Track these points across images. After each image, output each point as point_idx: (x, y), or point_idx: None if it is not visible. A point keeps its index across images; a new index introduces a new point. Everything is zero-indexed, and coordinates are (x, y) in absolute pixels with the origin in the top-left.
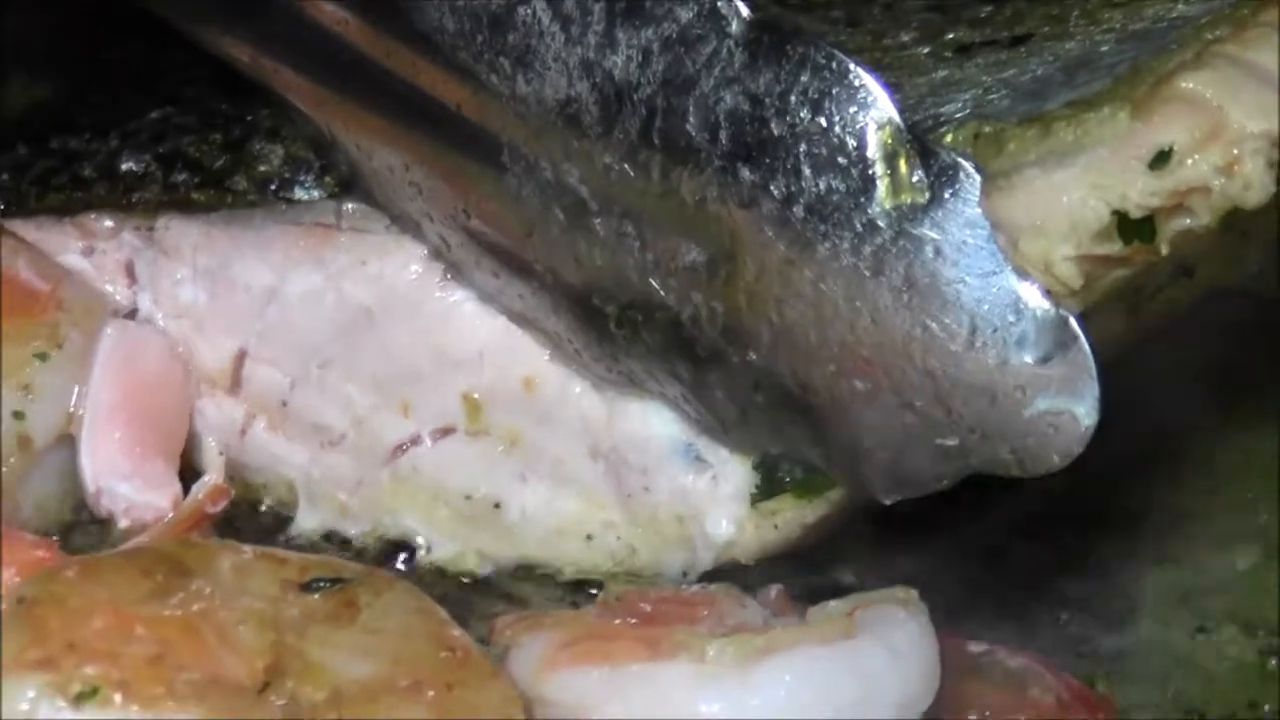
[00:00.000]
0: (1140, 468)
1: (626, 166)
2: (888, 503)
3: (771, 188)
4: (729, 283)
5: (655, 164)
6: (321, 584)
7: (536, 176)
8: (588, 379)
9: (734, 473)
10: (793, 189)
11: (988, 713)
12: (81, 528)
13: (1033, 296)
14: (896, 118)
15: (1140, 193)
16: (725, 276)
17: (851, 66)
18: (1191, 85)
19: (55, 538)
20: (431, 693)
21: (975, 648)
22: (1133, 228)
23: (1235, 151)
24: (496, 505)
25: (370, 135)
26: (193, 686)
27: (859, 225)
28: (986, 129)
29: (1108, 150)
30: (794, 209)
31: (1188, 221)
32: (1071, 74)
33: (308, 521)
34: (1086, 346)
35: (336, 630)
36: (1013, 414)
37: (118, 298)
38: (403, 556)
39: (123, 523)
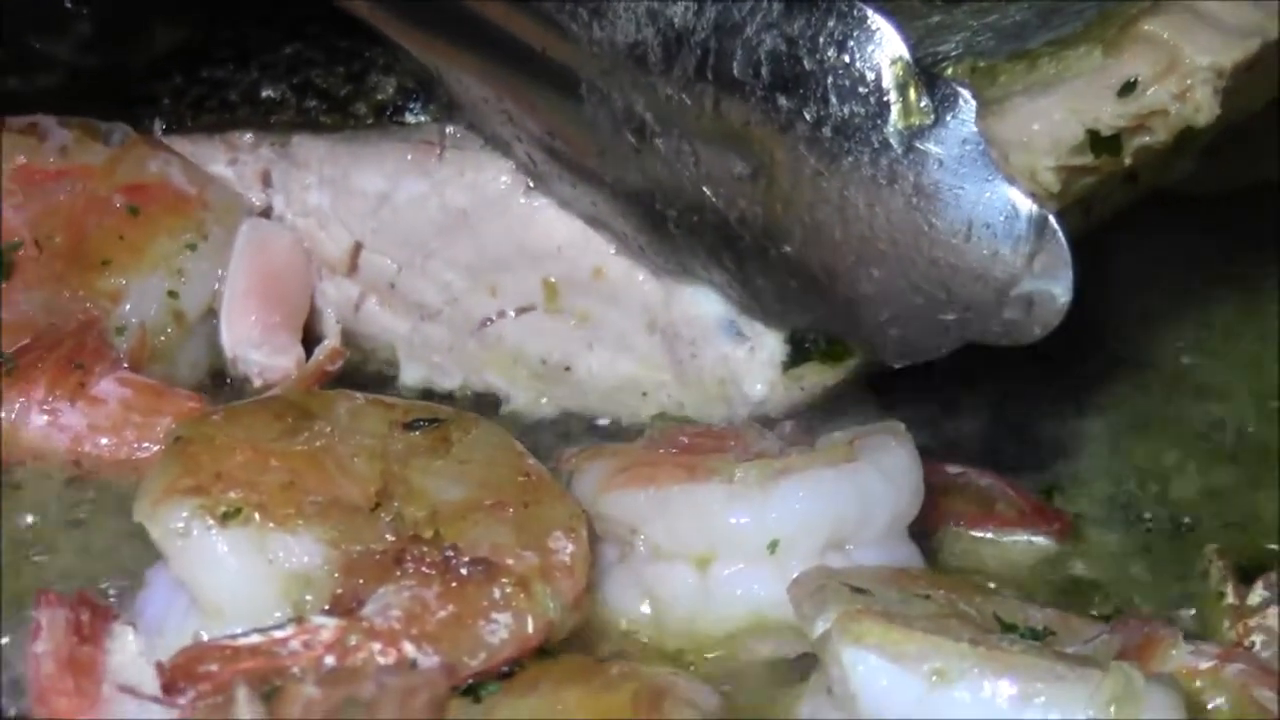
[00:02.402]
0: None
1: (684, 97)
2: (896, 367)
3: (804, 113)
4: (768, 191)
5: (708, 95)
6: (421, 423)
7: (609, 106)
8: (648, 268)
9: (768, 344)
10: (822, 114)
11: (962, 522)
12: (224, 385)
13: (1019, 199)
14: (906, 54)
15: (1110, 115)
16: (765, 185)
17: (869, 13)
18: (1152, 28)
19: (204, 392)
20: (511, 510)
21: (951, 469)
22: (1103, 144)
23: (1188, 82)
24: (567, 368)
25: (468, 72)
26: (317, 507)
27: (876, 143)
28: (981, 64)
29: (1083, 81)
30: (823, 130)
31: (1147, 138)
32: (1046, 18)
33: (408, 378)
34: (1063, 239)
35: (433, 461)
36: (1002, 294)
37: (254, 200)
38: (487, 405)
39: (256, 382)
